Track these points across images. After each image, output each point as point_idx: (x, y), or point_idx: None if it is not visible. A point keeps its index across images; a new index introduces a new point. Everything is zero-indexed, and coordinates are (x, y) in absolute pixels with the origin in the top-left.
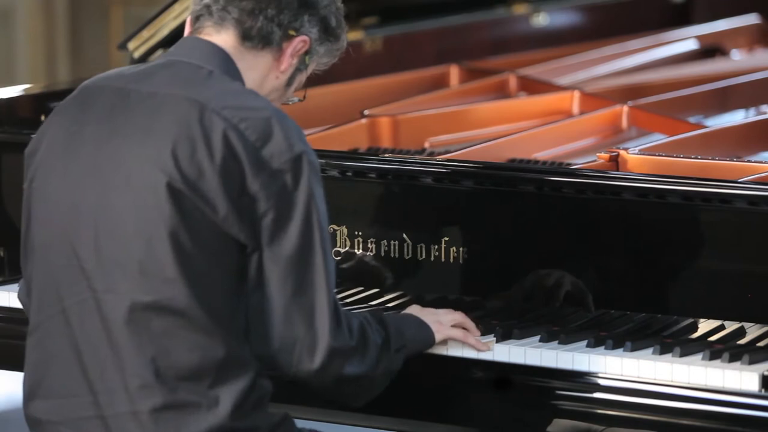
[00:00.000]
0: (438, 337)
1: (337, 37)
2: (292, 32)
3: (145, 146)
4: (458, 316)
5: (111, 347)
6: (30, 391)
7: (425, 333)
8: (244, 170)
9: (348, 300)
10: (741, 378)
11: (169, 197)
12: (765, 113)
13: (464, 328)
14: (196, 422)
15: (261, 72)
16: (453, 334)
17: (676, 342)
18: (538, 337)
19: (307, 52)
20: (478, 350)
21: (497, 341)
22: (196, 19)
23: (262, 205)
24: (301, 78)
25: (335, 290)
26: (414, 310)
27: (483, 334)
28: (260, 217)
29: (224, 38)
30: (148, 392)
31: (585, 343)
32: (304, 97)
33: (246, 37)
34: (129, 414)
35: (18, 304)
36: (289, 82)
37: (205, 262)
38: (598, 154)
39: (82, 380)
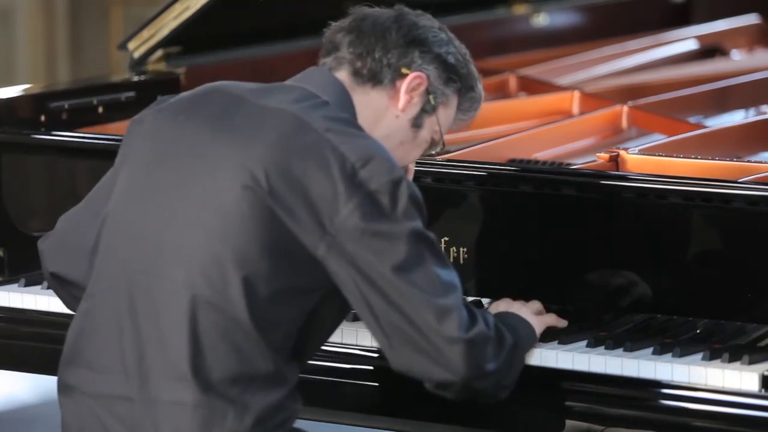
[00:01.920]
0: (538, 331)
1: (465, 82)
2: (405, 70)
3: (240, 149)
4: (538, 305)
5: (154, 333)
6: (68, 357)
7: (531, 329)
8: (338, 189)
9: None
10: (741, 378)
11: (251, 201)
12: (765, 113)
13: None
14: (220, 426)
15: (377, 110)
16: (548, 321)
17: (676, 342)
18: None
19: (430, 92)
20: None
21: None
22: None
23: (357, 223)
24: (433, 124)
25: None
26: (503, 305)
27: None
28: (356, 237)
29: (341, 75)
30: (180, 386)
31: (585, 343)
32: (444, 147)
33: (357, 74)
34: (156, 402)
35: (18, 304)
36: (416, 123)
37: (267, 274)
38: (598, 154)
39: (119, 359)
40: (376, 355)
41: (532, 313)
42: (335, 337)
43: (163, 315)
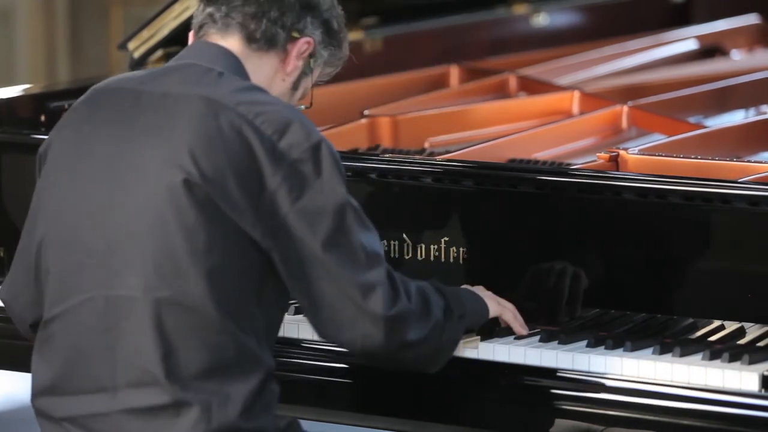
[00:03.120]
0: (491, 312)
1: (339, 44)
2: (295, 34)
3: (161, 145)
4: (509, 305)
5: (121, 345)
6: (36, 385)
7: (481, 305)
8: (262, 166)
9: None
10: (741, 378)
11: (186, 194)
12: (765, 113)
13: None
14: (206, 421)
15: (267, 74)
16: (504, 313)
17: (676, 342)
18: (538, 337)
19: (312, 55)
20: (521, 335)
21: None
22: (200, 27)
23: (284, 198)
24: (307, 83)
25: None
26: (467, 287)
27: (482, 334)
28: (284, 211)
29: (231, 42)
30: (157, 390)
31: (585, 343)
32: (311, 104)
33: (251, 39)
34: (134, 412)
35: None
36: (295, 86)
37: (220, 260)
38: (598, 154)
39: (87, 378)
40: None
41: (490, 296)
42: None
43: (127, 325)
